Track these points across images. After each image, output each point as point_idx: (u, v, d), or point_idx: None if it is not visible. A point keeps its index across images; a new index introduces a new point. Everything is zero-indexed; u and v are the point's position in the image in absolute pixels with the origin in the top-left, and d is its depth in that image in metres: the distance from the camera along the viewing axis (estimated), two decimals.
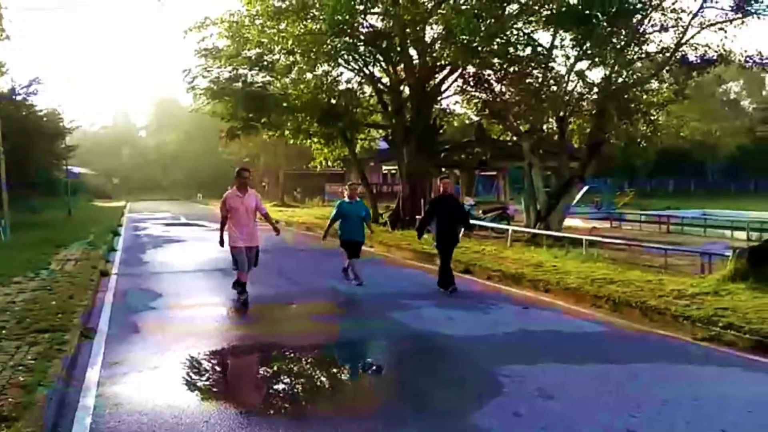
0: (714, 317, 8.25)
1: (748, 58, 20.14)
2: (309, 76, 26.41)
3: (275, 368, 6.85)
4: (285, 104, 26.21)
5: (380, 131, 29.78)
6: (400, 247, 18.09)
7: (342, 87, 27.51)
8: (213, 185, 72.84)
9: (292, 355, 7.36)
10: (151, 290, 11.59)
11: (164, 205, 53.05)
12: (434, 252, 16.17)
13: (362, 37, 23.69)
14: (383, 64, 25.80)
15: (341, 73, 27.73)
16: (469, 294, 11.20)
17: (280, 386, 6.25)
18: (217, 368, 6.83)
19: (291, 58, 24.98)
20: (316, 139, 28.85)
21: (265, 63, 26.58)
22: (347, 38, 23.21)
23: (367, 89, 28.15)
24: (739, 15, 18.73)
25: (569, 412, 5.36)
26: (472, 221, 21.33)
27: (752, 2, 18.31)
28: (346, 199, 12.03)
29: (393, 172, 28.17)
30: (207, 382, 6.32)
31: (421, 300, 10.43)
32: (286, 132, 28.26)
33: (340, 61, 25.72)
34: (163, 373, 6.54)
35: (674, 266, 13.31)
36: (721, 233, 24.32)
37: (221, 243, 10.20)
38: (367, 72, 26.39)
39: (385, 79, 26.54)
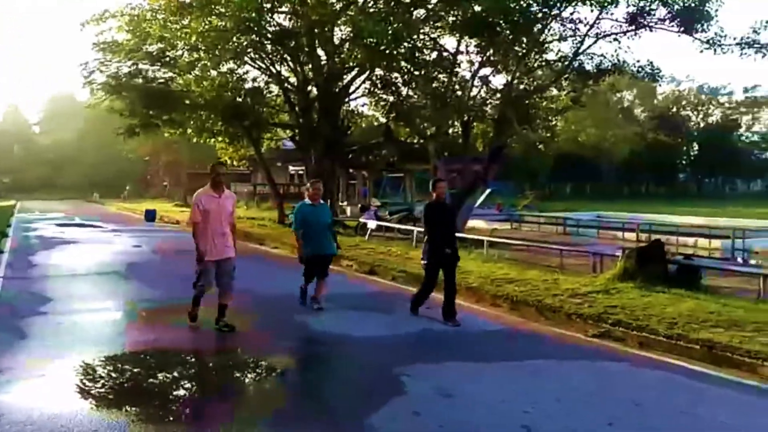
0: (604, 315, 8.66)
1: (640, 68, 21.31)
2: (213, 73, 25.83)
3: (173, 374, 6.63)
4: (188, 102, 25.55)
5: (287, 131, 29.52)
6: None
7: (248, 85, 27.10)
8: (111, 185, 70.09)
9: (191, 359, 7.16)
10: (41, 294, 10.97)
11: (58, 205, 50.48)
12: (340, 253, 16.25)
13: (269, 36, 23.40)
14: (291, 63, 25.59)
15: (247, 72, 27.35)
16: (374, 295, 11.26)
17: (179, 392, 6.05)
18: (112, 375, 6.54)
19: (195, 55, 24.39)
20: (220, 138, 28.28)
21: (168, 59, 25.80)
22: (254, 36, 22.87)
23: (274, 88, 27.84)
24: (633, 27, 19.77)
25: (468, 411, 5.47)
26: (378, 223, 21.63)
27: (645, 15, 19.36)
28: (308, 201, 9.68)
29: (300, 172, 28.03)
30: (100, 390, 6.03)
31: (328, 303, 10.37)
32: (189, 130, 27.55)
33: (246, 59, 25.31)
34: (51, 380, 6.20)
35: (569, 266, 13.88)
36: (613, 234, 25.57)
37: (200, 259, 8.19)
38: (274, 71, 26.10)
39: (293, 79, 26.34)
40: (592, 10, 19.74)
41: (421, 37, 21.37)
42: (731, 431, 5.23)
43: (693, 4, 18.72)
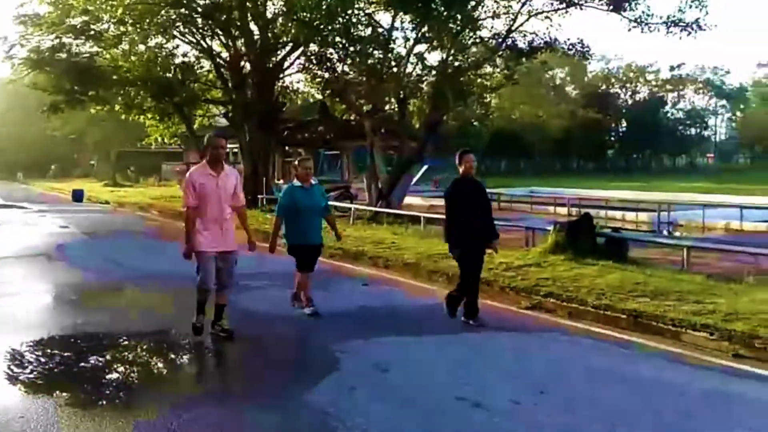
0: (536, 287, 8.89)
1: (571, 46, 21.69)
2: (141, 47, 25.01)
3: (105, 357, 6.46)
4: (115, 77, 24.64)
5: (220, 108, 28.92)
6: (239, 228, 17.70)
7: (178, 60, 26.33)
8: (36, 164, 67.32)
9: (123, 342, 6.98)
10: None
11: None
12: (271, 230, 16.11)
13: (199, 9, 22.77)
14: (222, 38, 24.99)
15: (177, 46, 26.56)
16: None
17: (111, 375, 5.90)
18: (41, 359, 6.31)
19: (121, 28, 23.53)
20: (150, 115, 27.43)
21: (93, 32, 24.81)
22: (183, 9, 22.22)
23: (206, 63, 27.16)
24: (563, 5, 20.09)
25: (404, 384, 5.53)
26: None
27: None
28: (297, 183, 8.07)
29: (235, 150, 27.52)
30: (29, 375, 5.82)
31: (262, 281, 10.28)
32: (117, 107, 26.65)
33: (175, 33, 24.59)
34: None
35: (503, 240, 14.00)
36: (545, 209, 26.18)
37: (188, 254, 6.77)
38: (205, 45, 25.44)
39: (225, 54, 25.73)
40: None
41: (356, 12, 21.16)
42: (651, 387, 5.46)
43: None
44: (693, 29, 19.52)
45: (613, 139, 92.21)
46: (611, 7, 19.67)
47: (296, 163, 8.68)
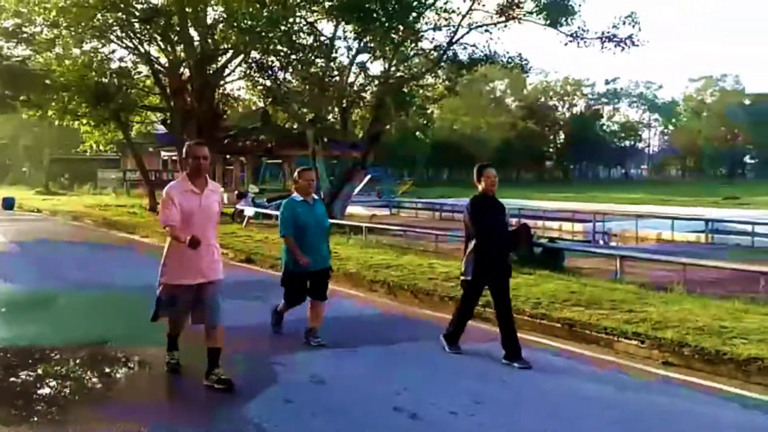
0: None
1: (510, 59, 22.13)
2: (76, 51, 24.33)
3: (37, 371, 6.17)
4: (48, 81, 23.89)
5: (158, 114, 28.34)
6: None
7: (114, 65, 25.74)
8: None
9: (56, 356, 6.70)
10: None
11: None
12: None
13: (137, 14, 22.29)
14: (161, 43, 24.51)
15: (114, 51, 25.98)
16: (250, 284, 11.04)
17: (43, 390, 5.63)
18: None
19: (55, 31, 22.86)
20: (85, 121, 26.68)
21: (25, 35, 24.01)
22: (120, 13, 21.71)
23: (143, 69, 26.60)
24: (503, 18, 20.48)
25: (340, 395, 5.49)
26: (256, 210, 21.25)
27: (514, 7, 20.11)
28: (298, 197, 7.02)
29: (174, 158, 27.00)
30: None
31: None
32: (50, 112, 25.81)
33: (111, 37, 24.00)
34: None
35: (445, 250, 14.23)
36: None
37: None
38: (142, 51, 24.90)
39: (164, 59, 25.25)
40: (464, 1, 20.28)
41: (298, 21, 21.10)
42: (583, 395, 5.55)
43: None
44: (626, 45, 20.17)
45: (551, 150, 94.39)
46: (548, 22, 20.15)
47: (296, 174, 7.27)
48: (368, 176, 28.51)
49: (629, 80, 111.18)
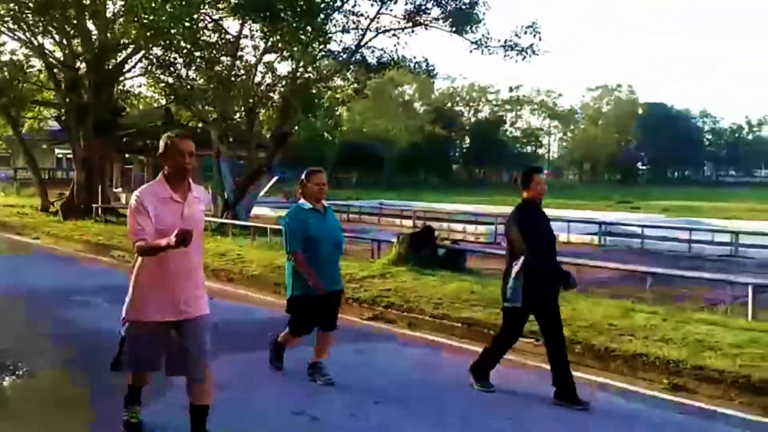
0: (378, 298, 9.04)
1: (417, 64, 22.46)
2: None
3: None
4: None
5: (52, 110, 26.95)
6: (71, 239, 16.59)
7: (5, 58, 24.28)
8: None
9: None
10: None
11: None
12: (107, 243, 15.20)
13: (31, 4, 21.13)
14: (56, 36, 23.31)
15: (4, 43, 24.50)
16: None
17: None
18: None
19: None
20: None
21: None
22: (12, 4, 20.53)
23: (36, 62, 25.22)
24: (410, 24, 20.74)
25: (241, 400, 5.39)
26: None
27: (421, 13, 20.42)
28: (306, 204, 5.84)
29: (69, 156, 25.74)
30: None
31: (95, 295, 9.65)
32: None
33: (2, 28, 22.64)
34: None
35: (351, 252, 14.22)
36: (392, 221, 26.80)
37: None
38: (36, 43, 23.61)
39: (59, 53, 24.03)
40: (372, 5, 20.40)
41: (202, 17, 20.59)
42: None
43: (463, 7, 20.09)
44: (528, 54, 20.85)
45: (457, 154, 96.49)
46: (453, 29, 20.56)
47: (304, 176, 5.91)
48: (275, 177, 28.18)
49: (531, 88, 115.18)
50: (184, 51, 20.62)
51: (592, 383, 6.16)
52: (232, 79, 21.19)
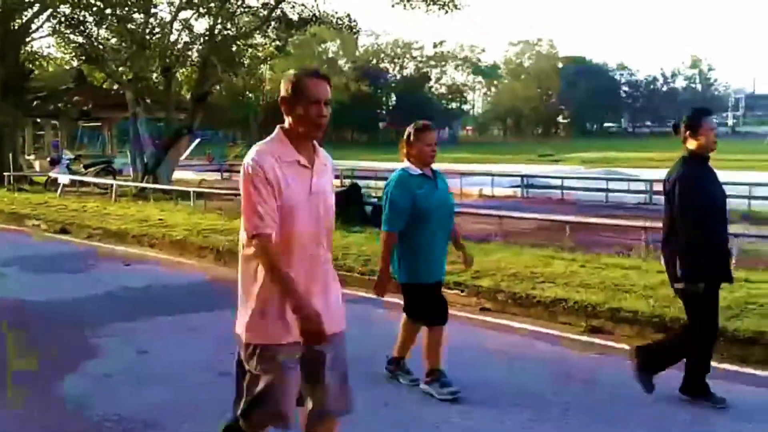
0: None
1: (339, 20, 22.17)
2: None
3: None
4: None
5: None
6: None
7: None
8: None
9: None
10: None
11: None
12: (21, 211, 14.56)
13: None
14: None
15: None
16: (65, 255, 10.32)
17: None
18: None
19: None
20: None
21: None
22: None
23: None
24: None
25: (162, 364, 5.32)
26: (72, 177, 19.73)
27: None
28: (414, 170, 4.58)
29: None
30: None
31: (9, 265, 9.26)
32: None
33: None
34: None
35: None
36: None
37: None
38: None
39: None
40: None
41: None
42: None
43: None
44: (449, 8, 20.86)
45: (384, 112, 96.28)
46: None
47: (409, 133, 4.61)
48: (197, 139, 27.48)
49: (455, 43, 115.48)
50: (94, 8, 19.68)
51: (516, 330, 6.36)
52: (147, 37, 20.37)
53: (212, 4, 20.12)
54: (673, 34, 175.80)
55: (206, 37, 21.05)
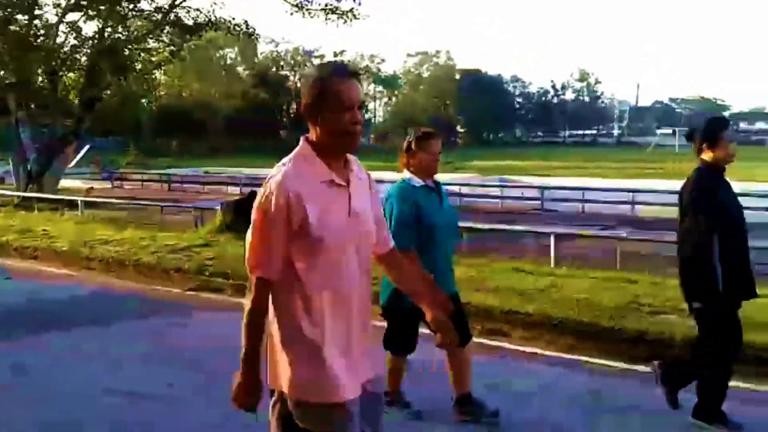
0: (202, 267, 8.77)
1: (236, 26, 21.80)
2: None
3: None
4: None
5: None
6: None
7: None
8: None
9: None
10: None
11: None
12: None
13: None
14: None
15: None
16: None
17: None
18: None
19: None
20: None
21: None
22: None
23: None
24: None
25: (45, 384, 5.00)
26: None
27: None
28: (416, 181, 4.13)
29: None
30: None
31: None
32: None
33: None
34: None
35: (172, 222, 13.70)
36: (219, 189, 26.10)
37: (250, 397, 2.29)
38: None
39: None
40: None
41: None
42: None
43: None
44: (348, 17, 20.96)
45: (284, 120, 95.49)
46: None
47: (410, 141, 4.17)
48: (86, 146, 26.26)
49: (356, 53, 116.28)
50: None
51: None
52: (31, 39, 19.29)
53: (102, 7, 19.31)
54: (564, 48, 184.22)
55: (95, 41, 20.18)
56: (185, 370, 5.29)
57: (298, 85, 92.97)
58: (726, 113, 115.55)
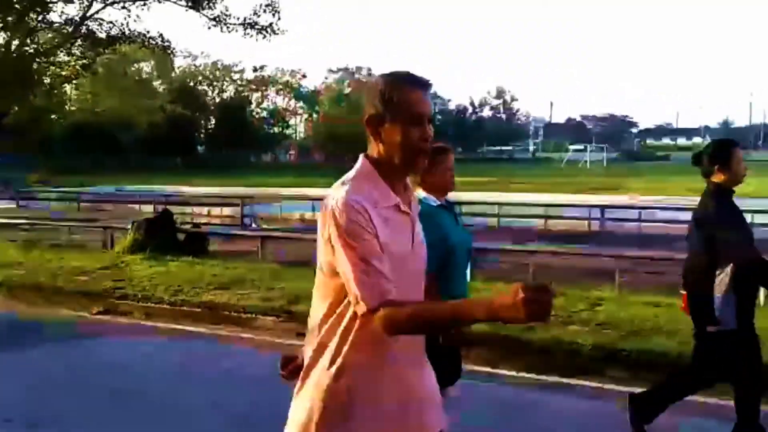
0: (110, 290, 8.50)
1: (150, 39, 21.29)
2: None
3: None
4: None
5: None
6: None
7: None
8: None
9: None
10: None
11: None
12: None
13: None
14: None
15: None
16: None
17: None
18: None
19: None
20: None
21: None
22: None
23: None
24: None
25: None
26: None
27: None
28: (432, 199, 3.50)
29: None
30: None
31: None
32: None
33: None
34: None
35: (81, 243, 13.19)
36: (132, 208, 25.30)
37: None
38: None
39: None
40: None
41: None
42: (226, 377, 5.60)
43: None
44: (267, 33, 20.87)
45: (202, 136, 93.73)
46: (190, 4, 19.86)
47: (433, 153, 2.68)
48: None
49: (276, 68, 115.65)
50: None
51: None
52: None
53: (9, 18, 18.50)
54: (482, 66, 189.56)
55: (1, 53, 19.28)
56: (83, 396, 5.08)
57: (218, 100, 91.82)
58: (634, 130, 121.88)
